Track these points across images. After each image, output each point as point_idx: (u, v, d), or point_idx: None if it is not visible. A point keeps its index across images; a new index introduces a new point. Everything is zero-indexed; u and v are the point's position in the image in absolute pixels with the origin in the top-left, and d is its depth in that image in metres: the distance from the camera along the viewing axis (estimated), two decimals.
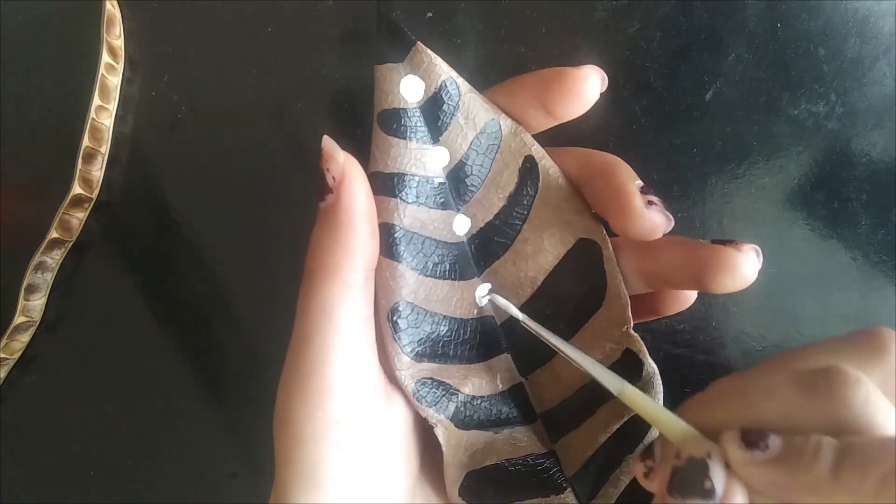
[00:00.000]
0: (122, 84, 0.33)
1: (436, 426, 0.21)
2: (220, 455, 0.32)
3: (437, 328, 0.22)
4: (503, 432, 0.22)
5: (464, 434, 0.21)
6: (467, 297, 0.23)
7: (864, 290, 0.28)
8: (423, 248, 0.21)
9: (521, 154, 0.22)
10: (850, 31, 0.27)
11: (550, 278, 0.22)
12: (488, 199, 0.22)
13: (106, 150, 0.32)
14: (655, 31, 0.28)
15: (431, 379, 0.21)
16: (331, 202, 0.19)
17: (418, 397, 0.21)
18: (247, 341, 0.32)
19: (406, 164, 0.21)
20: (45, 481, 0.33)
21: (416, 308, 0.21)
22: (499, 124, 0.21)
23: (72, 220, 0.32)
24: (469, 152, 0.22)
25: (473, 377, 0.22)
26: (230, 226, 0.32)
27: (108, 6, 0.31)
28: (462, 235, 0.22)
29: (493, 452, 0.22)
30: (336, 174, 0.19)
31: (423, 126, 0.21)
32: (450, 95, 0.21)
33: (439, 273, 0.22)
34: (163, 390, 0.33)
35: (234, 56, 0.32)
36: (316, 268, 0.19)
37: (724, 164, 0.28)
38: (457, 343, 0.22)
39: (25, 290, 0.32)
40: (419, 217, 0.21)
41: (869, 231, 0.28)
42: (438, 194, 0.22)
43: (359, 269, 0.19)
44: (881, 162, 0.28)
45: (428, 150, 0.21)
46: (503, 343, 0.23)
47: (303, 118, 0.31)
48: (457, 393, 0.21)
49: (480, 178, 0.22)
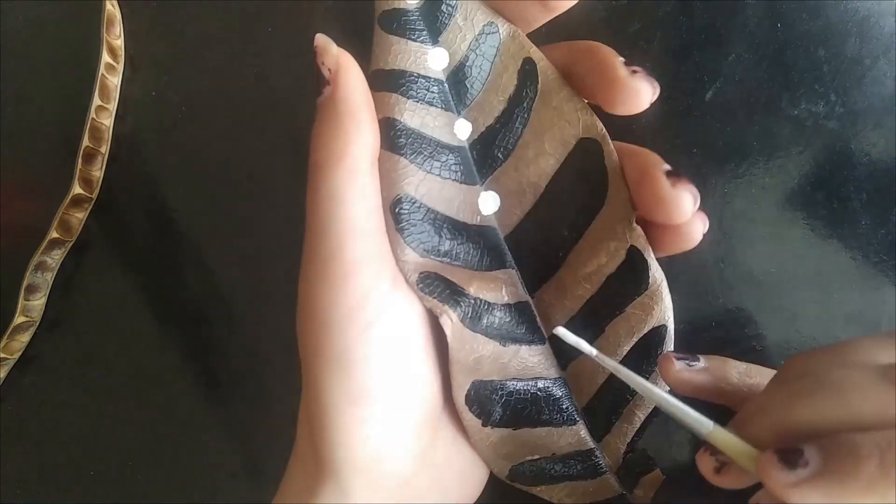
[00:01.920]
0: (122, 84, 0.33)
1: (440, 315, 0.20)
2: (220, 455, 0.32)
3: (440, 227, 0.22)
4: (509, 347, 0.22)
5: (469, 334, 0.21)
6: (470, 202, 0.22)
7: (864, 290, 0.28)
8: (424, 145, 0.21)
9: (519, 56, 0.22)
10: (850, 31, 0.27)
11: (553, 183, 0.22)
12: (488, 103, 0.22)
13: (106, 150, 0.33)
14: (655, 31, 0.28)
15: (436, 274, 0.21)
16: (328, 94, 0.19)
17: (421, 288, 0.20)
18: (247, 341, 0.32)
19: (406, 62, 0.21)
20: (45, 481, 0.33)
21: (418, 203, 0.21)
22: (497, 27, 0.22)
23: (72, 220, 0.32)
24: (468, 54, 0.22)
25: (478, 281, 0.22)
26: (230, 226, 0.32)
27: (108, 6, 0.32)
28: (463, 140, 0.22)
29: (500, 366, 0.22)
30: (331, 66, 0.19)
31: (422, 27, 0.21)
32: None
33: (442, 172, 0.22)
34: (163, 390, 0.33)
35: (234, 56, 0.32)
36: (320, 159, 0.19)
37: (724, 164, 0.28)
38: (459, 244, 0.22)
39: (25, 290, 0.32)
40: (420, 115, 0.21)
41: (869, 231, 0.28)
42: (439, 95, 0.22)
43: (363, 155, 0.19)
44: (881, 162, 0.28)
45: (428, 50, 0.21)
46: (508, 257, 0.23)
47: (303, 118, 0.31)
48: (461, 291, 0.21)
49: (480, 80, 0.22)
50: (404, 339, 0.20)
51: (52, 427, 0.34)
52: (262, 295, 0.32)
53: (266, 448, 0.32)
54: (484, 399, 0.22)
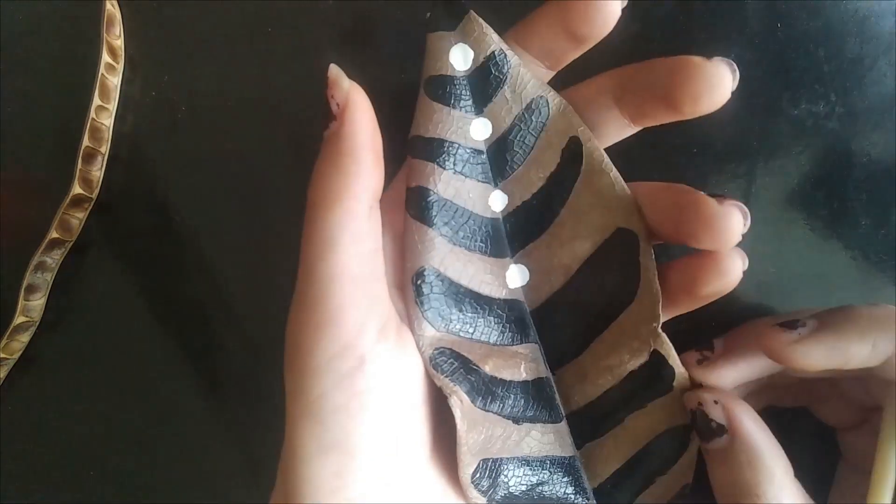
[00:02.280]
0: (122, 84, 0.33)
1: (450, 396, 0.20)
2: (220, 455, 0.32)
3: (461, 300, 0.21)
4: (523, 426, 0.22)
5: (480, 414, 0.21)
6: (497, 276, 0.22)
7: (864, 290, 0.28)
8: (456, 216, 0.21)
9: (566, 134, 0.21)
10: (850, 31, 0.27)
11: (584, 268, 0.22)
12: (528, 178, 0.22)
13: (106, 150, 0.32)
14: (655, 31, 0.28)
15: (451, 350, 0.20)
16: (334, 130, 0.19)
17: (434, 365, 0.20)
18: (247, 341, 0.32)
19: (447, 131, 0.21)
20: (45, 481, 0.33)
21: (442, 277, 0.21)
22: (547, 101, 0.21)
23: (72, 220, 0.32)
24: (513, 127, 0.21)
25: (496, 358, 0.21)
26: (230, 226, 0.32)
27: (108, 6, 0.31)
28: (498, 212, 0.22)
29: (511, 445, 0.21)
30: (340, 101, 0.19)
31: (468, 96, 0.21)
32: (498, 67, 0.21)
33: (470, 245, 0.21)
34: (163, 390, 0.33)
35: (234, 56, 0.32)
36: (317, 197, 0.19)
37: (724, 164, 0.28)
38: (480, 318, 0.21)
39: (25, 290, 0.32)
40: (455, 185, 0.21)
41: (869, 231, 0.28)
42: (477, 166, 0.21)
43: (361, 198, 0.19)
44: (881, 162, 0.28)
45: (471, 120, 0.21)
46: (531, 332, 0.22)
47: (303, 118, 0.31)
48: (477, 369, 0.21)
49: (523, 154, 0.21)
50: (387, 392, 0.19)
51: (52, 427, 0.33)
52: (262, 295, 0.32)
53: (266, 448, 0.32)
54: (491, 477, 0.21)
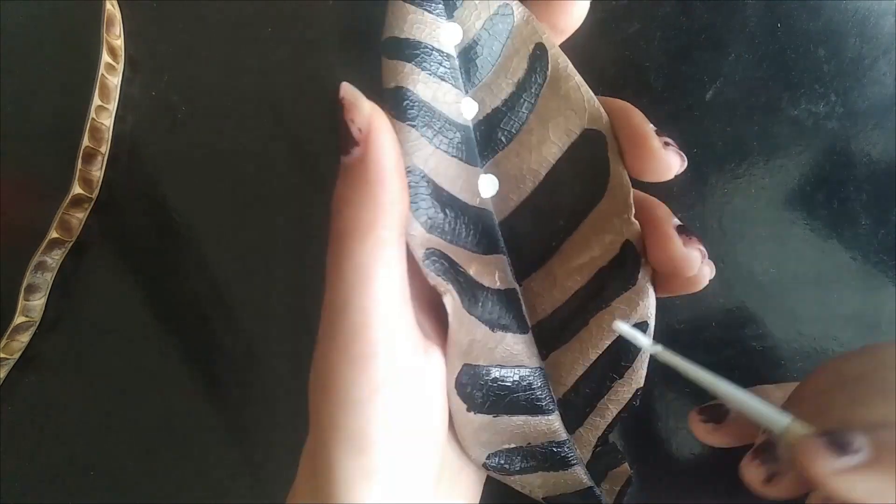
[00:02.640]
0: (122, 84, 0.33)
1: (444, 294, 0.20)
2: (220, 455, 0.32)
3: (444, 204, 0.21)
4: (497, 333, 0.22)
5: (466, 316, 0.21)
6: (470, 183, 0.22)
7: (864, 290, 0.28)
8: (434, 119, 0.21)
9: (531, 41, 0.22)
10: (850, 31, 0.27)
11: (553, 171, 0.22)
12: (497, 85, 0.22)
13: (106, 150, 0.32)
14: (655, 31, 0.28)
15: (440, 252, 0.21)
16: (357, 156, 0.18)
17: (427, 264, 0.20)
18: (247, 341, 0.32)
19: (422, 32, 0.21)
20: (45, 481, 0.33)
21: (426, 177, 0.21)
22: (511, 9, 0.21)
23: (72, 220, 0.32)
24: (481, 33, 0.21)
25: (476, 263, 0.22)
26: (230, 226, 0.32)
27: (108, 6, 0.32)
28: (468, 119, 0.22)
29: (488, 352, 0.22)
30: (362, 126, 0.18)
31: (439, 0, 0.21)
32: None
33: (448, 149, 0.21)
34: (163, 390, 0.33)
35: (234, 56, 0.32)
36: (346, 227, 0.18)
37: (724, 164, 0.28)
38: (461, 224, 0.22)
39: (25, 290, 0.32)
40: (432, 88, 0.21)
41: (869, 231, 0.28)
42: (450, 71, 0.21)
43: (393, 225, 0.18)
44: (881, 162, 0.28)
45: (442, 24, 0.21)
46: (500, 243, 0.23)
47: (303, 118, 0.31)
48: (463, 272, 0.21)
49: (490, 61, 0.22)
50: (419, 409, 0.20)
51: (52, 427, 0.33)
52: (262, 295, 0.32)
53: (266, 448, 0.32)
54: (470, 383, 0.22)
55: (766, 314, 0.28)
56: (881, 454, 0.15)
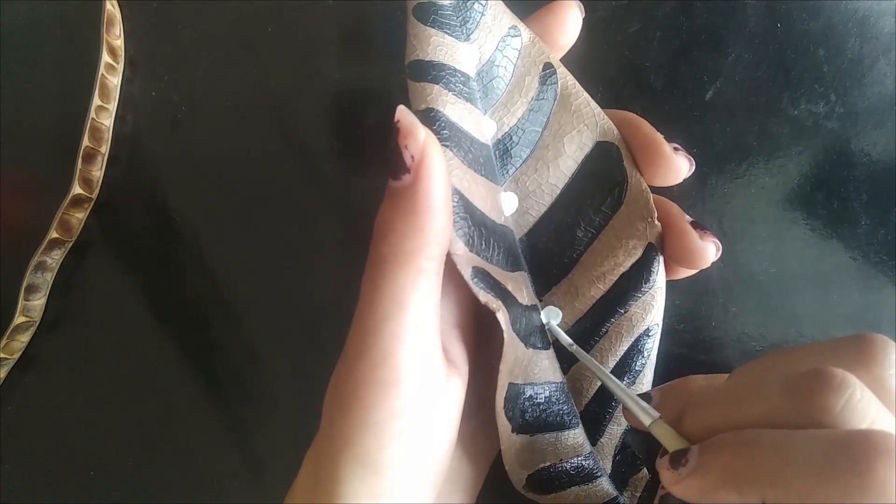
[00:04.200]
0: (122, 84, 0.33)
1: (497, 311, 0.20)
2: (220, 455, 0.32)
3: (478, 223, 0.21)
4: (529, 350, 0.22)
5: (512, 333, 0.21)
6: (496, 201, 0.22)
7: (864, 290, 0.28)
8: (463, 139, 0.21)
9: (540, 60, 0.22)
10: (850, 31, 0.27)
11: (571, 184, 0.23)
12: (512, 103, 0.23)
13: (106, 150, 0.32)
14: (655, 31, 0.28)
15: (485, 271, 0.21)
16: (407, 182, 0.18)
17: (476, 283, 0.20)
18: (247, 341, 0.32)
19: (444, 55, 0.21)
20: (45, 481, 0.33)
21: (462, 197, 0.21)
22: (520, 31, 0.22)
23: (72, 220, 0.32)
24: (495, 54, 0.22)
25: (510, 281, 0.22)
26: (230, 226, 0.32)
27: (108, 6, 0.32)
28: (488, 139, 0.23)
29: (524, 370, 0.22)
30: (416, 153, 0.18)
31: (455, 22, 0.22)
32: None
33: (477, 167, 0.21)
34: (163, 390, 0.33)
35: (234, 56, 0.32)
36: (389, 253, 0.18)
37: (724, 164, 0.28)
38: (494, 242, 0.22)
39: (25, 290, 0.32)
40: (458, 109, 0.21)
41: (869, 231, 0.28)
42: (470, 92, 0.22)
43: (435, 256, 0.18)
44: (881, 162, 0.28)
45: (461, 46, 0.22)
46: (521, 260, 0.23)
47: (303, 118, 0.31)
48: (504, 289, 0.21)
49: (505, 81, 0.22)
50: (434, 436, 0.20)
51: (52, 427, 0.33)
52: (262, 295, 0.32)
53: (266, 448, 0.32)
54: (513, 403, 0.21)
55: (766, 314, 0.28)
56: (705, 460, 0.17)
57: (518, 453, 0.22)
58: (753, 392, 0.17)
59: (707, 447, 0.17)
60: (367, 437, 0.18)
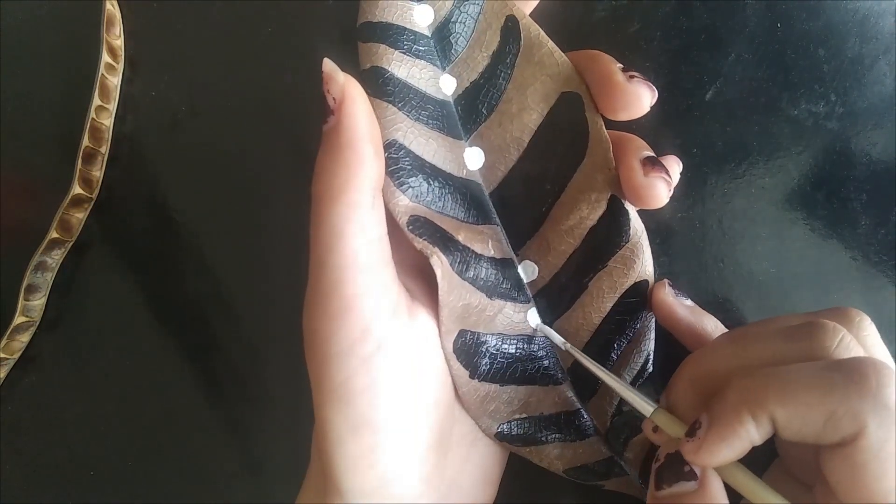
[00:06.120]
0: (122, 84, 0.33)
1: (430, 256, 0.21)
2: (220, 455, 0.32)
3: (428, 175, 0.22)
4: (496, 301, 0.22)
5: (458, 280, 0.21)
6: (456, 156, 0.23)
7: (864, 290, 0.28)
8: (411, 95, 0.21)
9: (502, 14, 0.22)
10: (850, 31, 0.27)
11: (536, 137, 0.22)
12: (473, 59, 0.23)
13: (106, 150, 0.33)
14: (655, 31, 0.28)
15: (425, 218, 0.21)
16: (332, 124, 0.19)
17: (412, 230, 0.20)
18: (247, 341, 0.32)
19: (394, 15, 0.21)
20: (45, 481, 0.33)
21: (408, 151, 0.21)
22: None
23: (72, 220, 0.32)
24: (453, 10, 0.22)
25: (465, 231, 0.22)
26: (230, 226, 0.32)
27: (108, 6, 0.32)
28: (449, 95, 0.23)
29: (487, 319, 0.22)
30: (336, 95, 0.19)
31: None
32: None
33: (429, 122, 0.22)
34: (163, 390, 0.33)
35: (234, 56, 0.32)
36: (321, 191, 0.19)
37: (724, 164, 0.28)
38: (447, 194, 0.22)
39: (25, 290, 0.32)
40: (407, 67, 0.21)
41: (869, 231, 0.28)
42: (425, 50, 0.22)
43: (364, 189, 0.19)
44: (881, 162, 0.28)
45: (413, 6, 0.22)
46: (492, 214, 0.23)
47: (303, 118, 0.31)
48: (450, 237, 0.21)
49: (465, 37, 0.22)
50: (409, 367, 0.20)
51: (52, 427, 0.33)
52: (262, 295, 0.32)
53: (266, 448, 0.32)
54: (470, 350, 0.22)
55: (766, 314, 0.28)
56: (716, 411, 0.18)
57: (483, 401, 0.22)
58: (756, 337, 0.19)
59: (714, 400, 0.18)
60: (335, 367, 0.19)
